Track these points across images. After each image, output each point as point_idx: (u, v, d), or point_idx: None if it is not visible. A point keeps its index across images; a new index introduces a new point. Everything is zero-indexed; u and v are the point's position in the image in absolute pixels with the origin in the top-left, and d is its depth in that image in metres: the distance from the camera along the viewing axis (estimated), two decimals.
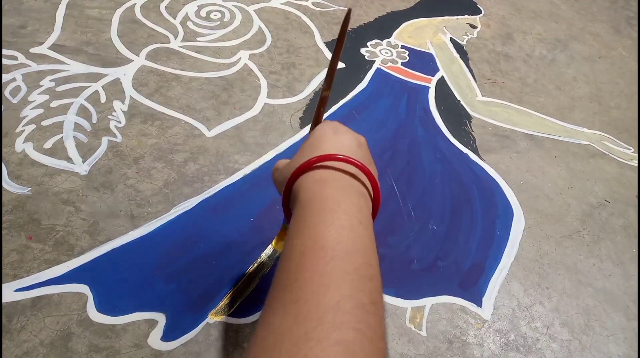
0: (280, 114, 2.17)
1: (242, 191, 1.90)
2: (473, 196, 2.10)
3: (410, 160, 2.19)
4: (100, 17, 2.43)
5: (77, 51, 2.20)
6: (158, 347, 1.39)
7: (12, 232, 1.51)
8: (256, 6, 2.79)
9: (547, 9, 3.49)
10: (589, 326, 1.66)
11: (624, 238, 2.00)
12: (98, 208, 1.64)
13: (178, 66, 2.28)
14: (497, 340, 1.59)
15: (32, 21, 2.29)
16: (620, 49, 3.23)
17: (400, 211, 1.96)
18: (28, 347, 1.28)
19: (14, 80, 2.01)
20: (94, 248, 1.55)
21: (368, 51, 2.75)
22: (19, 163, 1.71)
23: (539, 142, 2.37)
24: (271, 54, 2.50)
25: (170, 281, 1.58)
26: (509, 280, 1.76)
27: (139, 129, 1.94)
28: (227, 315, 1.54)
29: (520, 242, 1.91)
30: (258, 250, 1.73)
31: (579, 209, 2.07)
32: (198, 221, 1.75)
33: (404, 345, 1.53)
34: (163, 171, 1.82)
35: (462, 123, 2.45)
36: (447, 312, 1.64)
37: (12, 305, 1.36)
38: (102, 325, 1.38)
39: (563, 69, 2.91)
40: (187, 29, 2.53)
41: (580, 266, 1.85)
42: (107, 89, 2.07)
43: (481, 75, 2.73)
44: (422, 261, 1.83)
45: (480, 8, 3.36)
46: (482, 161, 2.23)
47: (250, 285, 1.64)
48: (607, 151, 2.45)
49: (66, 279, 1.49)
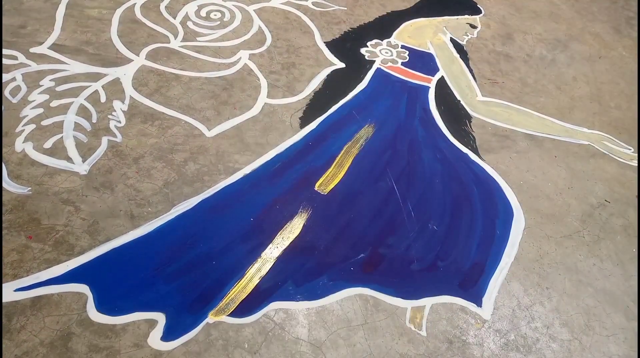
0: (280, 114, 2.17)
1: (242, 191, 1.90)
2: (473, 196, 2.11)
3: (410, 160, 2.20)
4: (100, 17, 2.43)
5: (77, 50, 2.20)
6: (158, 346, 1.39)
7: (12, 232, 1.51)
8: (256, 6, 2.80)
9: (547, 9, 3.49)
10: (589, 326, 1.67)
11: (624, 238, 2.00)
12: (98, 208, 1.64)
13: (178, 66, 2.28)
14: (497, 340, 1.59)
15: (32, 21, 2.29)
16: (620, 49, 3.23)
17: (400, 211, 1.97)
18: (28, 347, 1.28)
19: (14, 80, 2.01)
20: (94, 247, 1.56)
21: (368, 51, 2.75)
22: (19, 163, 1.71)
23: (539, 142, 2.37)
24: (271, 54, 2.50)
25: (170, 281, 1.58)
26: (509, 280, 1.76)
27: (139, 129, 1.94)
28: (227, 315, 1.54)
29: (520, 242, 1.91)
30: (258, 249, 1.73)
31: (579, 210, 2.07)
32: (198, 221, 1.75)
33: (404, 345, 1.53)
34: (163, 171, 1.82)
35: (462, 123, 2.45)
36: (447, 312, 1.64)
37: (12, 305, 1.36)
38: (102, 325, 1.38)
39: (563, 69, 2.91)
40: (187, 29, 2.53)
41: (581, 266, 1.85)
42: (107, 89, 2.07)
43: (481, 75, 2.73)
44: (422, 261, 1.84)
45: (481, 8, 3.37)
46: (482, 161, 2.25)
47: (250, 285, 1.65)
48: (607, 151, 2.47)
49: (66, 279, 1.49)
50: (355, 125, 2.26)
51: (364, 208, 1.95)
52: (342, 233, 1.86)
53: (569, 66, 2.95)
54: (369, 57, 2.68)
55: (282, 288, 1.66)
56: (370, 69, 2.59)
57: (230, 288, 1.60)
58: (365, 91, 2.46)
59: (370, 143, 2.19)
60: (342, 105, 2.34)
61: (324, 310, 1.62)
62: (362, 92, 2.44)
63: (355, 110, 2.34)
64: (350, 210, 1.94)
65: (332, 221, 1.89)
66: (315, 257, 1.77)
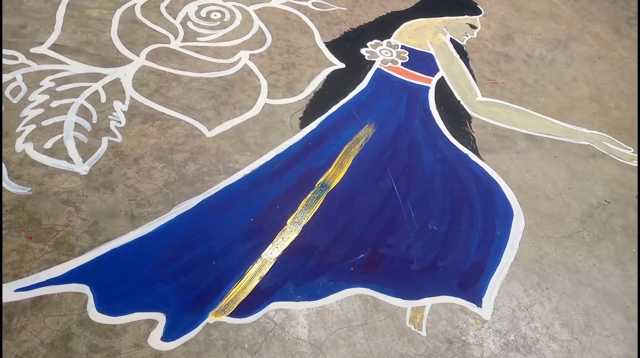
0: (280, 114, 2.17)
1: (242, 191, 1.90)
2: (473, 196, 2.11)
3: (410, 160, 2.20)
4: (101, 17, 2.43)
5: (77, 51, 2.20)
6: (158, 347, 1.40)
7: (12, 232, 1.51)
8: (256, 6, 2.80)
9: (547, 9, 3.49)
10: (588, 326, 1.67)
11: (624, 238, 2.00)
12: (98, 208, 1.65)
13: (178, 66, 2.28)
14: (497, 341, 1.59)
15: (33, 21, 2.29)
16: (620, 49, 3.23)
17: (400, 211, 1.97)
18: (28, 347, 1.28)
19: (14, 80, 2.01)
20: (94, 248, 1.56)
21: (368, 51, 2.75)
22: (19, 163, 1.71)
23: (539, 142, 2.37)
24: (271, 54, 2.51)
25: (170, 281, 1.58)
26: (508, 280, 1.76)
27: (139, 129, 1.94)
28: (227, 315, 1.55)
29: (520, 242, 1.91)
30: (258, 249, 1.73)
31: (579, 210, 2.08)
32: (198, 221, 1.75)
33: (404, 345, 1.53)
34: (163, 171, 1.82)
35: (462, 123, 2.45)
36: (447, 312, 1.64)
37: (12, 305, 1.36)
38: (102, 325, 1.38)
39: (563, 70, 2.91)
40: (188, 29, 2.54)
41: (580, 267, 1.85)
42: (108, 89, 2.08)
43: (481, 75, 2.73)
44: (422, 261, 1.84)
45: (480, 8, 3.37)
46: (482, 162, 2.25)
47: (250, 285, 1.65)
48: (607, 152, 2.47)
49: (66, 279, 1.49)
50: (355, 125, 2.27)
51: (364, 208, 1.96)
52: (342, 233, 1.86)
53: (569, 66, 2.95)
54: (369, 57, 2.68)
55: (282, 288, 1.66)
56: (370, 70, 2.60)
57: (230, 288, 1.60)
58: (365, 91, 2.46)
59: (370, 143, 2.20)
60: (342, 105, 2.34)
61: (324, 310, 1.62)
62: (362, 93, 2.45)
63: (355, 110, 2.34)
64: (350, 210, 1.94)
65: (332, 221, 1.89)
66: (315, 257, 1.77)
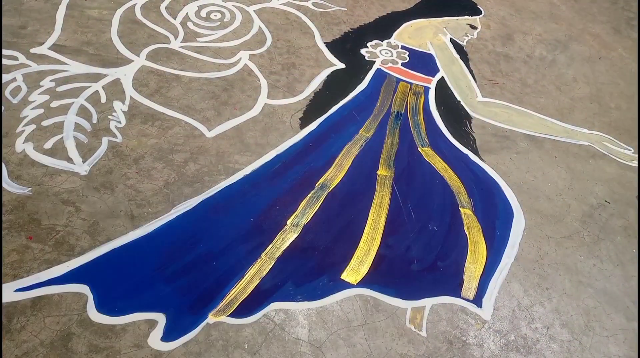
0: (280, 115, 2.17)
1: (242, 191, 1.90)
2: (473, 197, 2.11)
3: (410, 160, 2.20)
4: (101, 18, 2.43)
5: (77, 51, 2.20)
6: (158, 347, 1.40)
7: (12, 232, 1.51)
8: (256, 7, 2.80)
9: (547, 9, 3.49)
10: (589, 326, 1.67)
11: (624, 238, 2.00)
12: (98, 208, 1.65)
13: (178, 66, 2.28)
14: (497, 341, 1.59)
15: (33, 21, 2.29)
16: (620, 49, 3.23)
17: (400, 211, 1.97)
18: (28, 347, 1.28)
19: (14, 80, 2.01)
20: (94, 248, 1.56)
21: (368, 52, 2.75)
22: (19, 163, 1.71)
23: (539, 143, 2.37)
24: (271, 54, 2.51)
25: (170, 281, 1.58)
26: (509, 281, 1.76)
27: (139, 129, 1.94)
28: (227, 316, 1.55)
29: (520, 243, 1.91)
30: (258, 250, 1.73)
31: (579, 210, 2.07)
32: (198, 221, 1.75)
33: (404, 345, 1.53)
34: (163, 171, 1.82)
35: (462, 124, 2.45)
36: (447, 313, 1.64)
37: (12, 305, 1.36)
38: (102, 325, 1.38)
39: (563, 70, 2.91)
40: (188, 30, 2.54)
41: (581, 267, 1.85)
42: (108, 90, 2.08)
43: (481, 76, 2.73)
44: (422, 262, 1.84)
45: (481, 9, 3.37)
46: (482, 162, 2.25)
47: (250, 286, 1.65)
48: (607, 152, 2.47)
49: (66, 279, 1.49)
50: (355, 125, 2.27)
51: (364, 208, 1.96)
52: (342, 233, 1.86)
53: (569, 67, 2.95)
54: (369, 57, 2.68)
55: (282, 288, 1.66)
56: (371, 70, 2.60)
57: (230, 289, 1.60)
58: (365, 91, 2.46)
59: (371, 144, 2.20)
60: (342, 106, 2.34)
61: (324, 311, 1.62)
62: (362, 93, 2.45)
63: (355, 111, 2.34)
64: (350, 210, 1.94)
65: (332, 221, 1.89)
66: (315, 257, 1.77)
